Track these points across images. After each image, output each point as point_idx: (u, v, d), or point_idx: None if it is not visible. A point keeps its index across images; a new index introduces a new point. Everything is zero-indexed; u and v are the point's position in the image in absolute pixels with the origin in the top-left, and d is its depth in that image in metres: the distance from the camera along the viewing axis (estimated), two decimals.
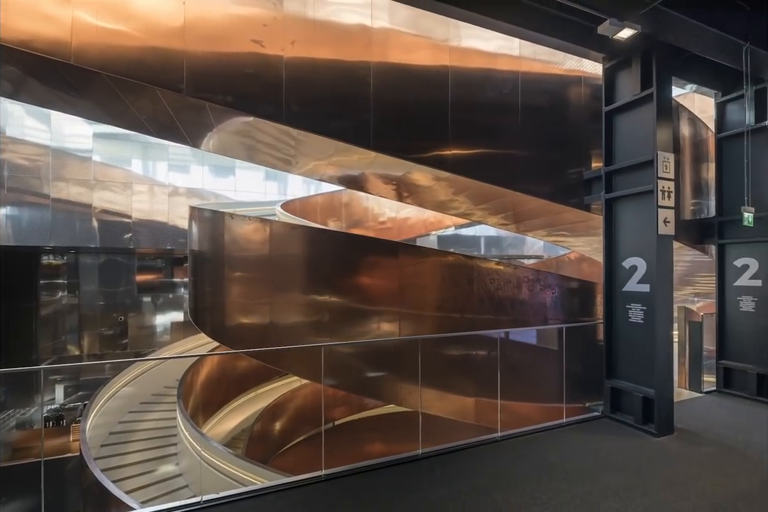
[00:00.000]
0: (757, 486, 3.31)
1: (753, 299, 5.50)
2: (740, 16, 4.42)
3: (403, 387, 5.06)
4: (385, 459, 3.73)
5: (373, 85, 4.21)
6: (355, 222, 12.22)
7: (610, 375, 4.87)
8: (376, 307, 4.89)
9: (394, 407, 8.60)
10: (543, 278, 5.28)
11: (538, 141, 5.05)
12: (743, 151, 5.39)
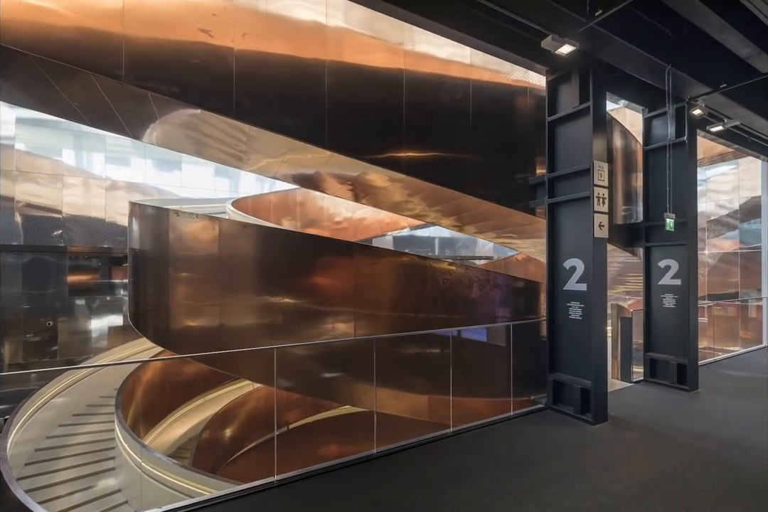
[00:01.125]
0: (678, 465, 3.67)
1: (674, 297, 6.11)
2: (663, 41, 4.89)
3: (359, 387, 5.06)
4: (340, 461, 3.72)
5: (328, 83, 4.17)
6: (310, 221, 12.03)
7: (552, 369, 5.19)
8: (331, 308, 4.85)
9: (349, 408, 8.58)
10: (492, 278, 5.52)
11: (487, 147, 5.27)
12: (666, 163, 5.97)
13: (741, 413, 5.00)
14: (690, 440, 4.20)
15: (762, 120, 6.87)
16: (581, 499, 3.12)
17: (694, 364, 5.94)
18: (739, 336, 9.40)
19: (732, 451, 3.95)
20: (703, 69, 5.39)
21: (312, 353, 4.97)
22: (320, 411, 9.44)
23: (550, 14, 3.88)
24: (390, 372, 5.02)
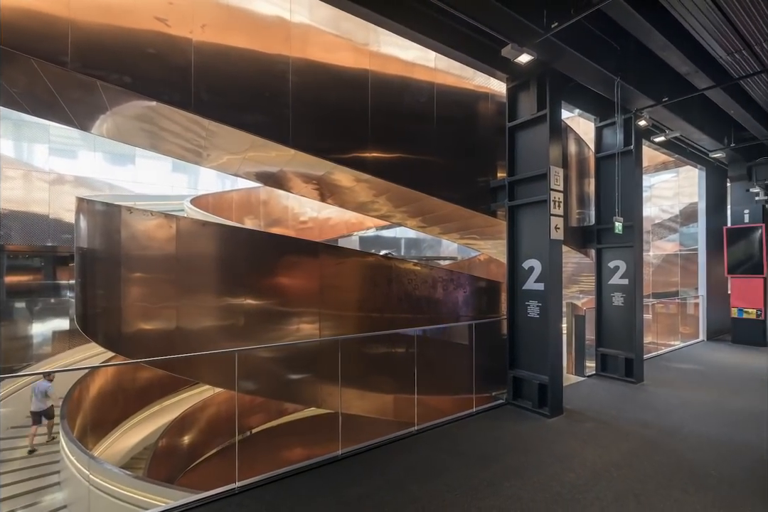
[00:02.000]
0: (625, 453, 3.92)
1: (622, 295, 6.52)
2: (613, 55, 5.21)
3: (324, 388, 5.01)
4: (304, 464, 3.67)
5: (293, 80, 4.11)
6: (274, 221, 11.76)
7: (512, 366, 5.38)
8: (296, 309, 4.77)
9: (314, 410, 8.47)
10: (456, 278, 5.65)
11: (451, 150, 5.38)
12: (615, 170, 6.36)
13: (681, 402, 5.42)
14: (636, 429, 4.50)
15: (699, 133, 7.48)
16: (538, 490, 3.25)
17: (639, 358, 6.37)
18: (679, 332, 10.17)
19: (673, 438, 4.26)
20: (648, 83, 5.79)
21: (276, 355, 4.87)
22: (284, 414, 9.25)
23: (510, 24, 4.02)
24: (355, 373, 5.01)
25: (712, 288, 10.19)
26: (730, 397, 5.61)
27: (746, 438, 4.27)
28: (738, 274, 9.47)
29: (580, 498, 3.14)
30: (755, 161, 9.56)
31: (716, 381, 6.42)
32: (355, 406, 5.22)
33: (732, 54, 5.31)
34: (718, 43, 5.10)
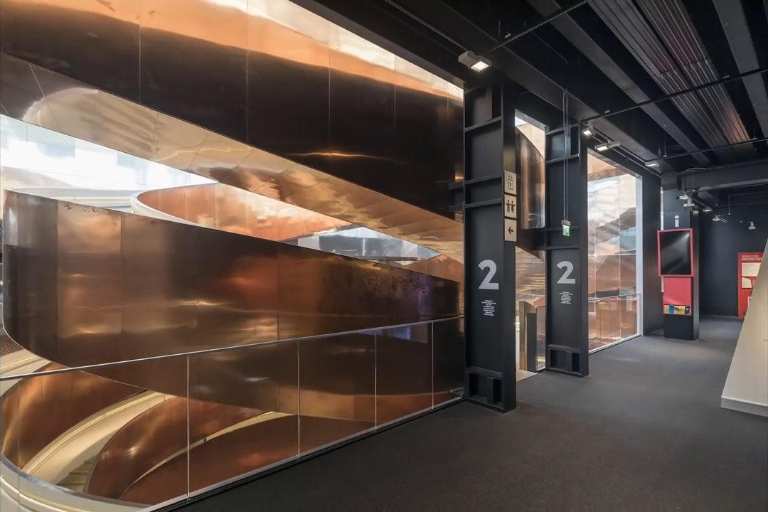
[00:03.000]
0: (572, 443, 4.16)
1: (569, 294, 6.93)
2: (562, 68, 5.53)
3: (282, 391, 4.90)
4: (261, 469, 3.57)
5: (249, 75, 3.99)
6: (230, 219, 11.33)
7: (469, 363, 5.55)
8: (253, 310, 4.62)
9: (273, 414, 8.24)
10: (415, 278, 5.73)
11: (411, 152, 5.46)
12: (563, 176, 6.76)
13: (621, 393, 5.84)
14: (582, 419, 4.80)
15: (636, 144, 8.12)
16: (492, 482, 3.38)
17: (585, 353, 6.79)
18: (619, 327, 10.97)
19: (614, 427, 4.59)
20: (593, 95, 6.20)
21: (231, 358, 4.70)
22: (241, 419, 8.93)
23: (467, 32, 4.16)
24: (315, 375, 4.95)
25: (647, 287, 11.10)
26: (663, 387, 6.13)
27: (676, 423, 4.69)
28: (670, 274, 10.37)
29: (531, 487, 3.29)
30: (684, 171, 10.52)
31: (651, 373, 6.98)
32: (315, 408, 5.15)
33: (664, 72, 5.81)
34: (653, 61, 5.56)
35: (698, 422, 4.70)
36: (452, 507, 3.03)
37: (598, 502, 3.08)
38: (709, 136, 8.50)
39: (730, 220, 13.80)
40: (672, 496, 3.16)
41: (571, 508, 3.00)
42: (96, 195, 11.84)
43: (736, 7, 4.32)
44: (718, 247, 14.58)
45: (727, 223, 13.99)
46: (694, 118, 7.56)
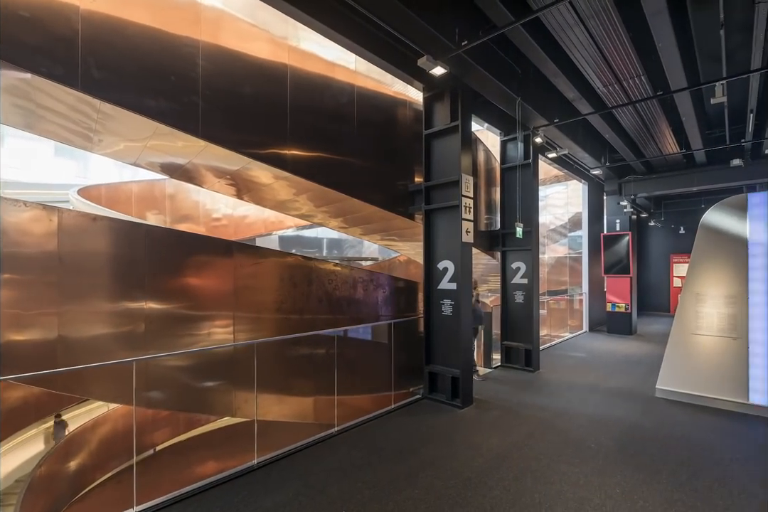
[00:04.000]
0: (524, 436, 4.35)
1: (522, 293, 7.25)
2: (515, 77, 5.79)
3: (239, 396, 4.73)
4: (216, 478, 3.43)
5: (203, 66, 3.83)
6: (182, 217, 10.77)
7: (428, 362, 5.65)
8: (207, 312, 4.42)
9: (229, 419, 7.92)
10: (375, 279, 5.76)
11: (371, 152, 5.48)
12: (516, 180, 7.07)
13: (569, 386, 6.19)
14: (533, 413, 5.03)
15: (582, 152, 8.66)
16: (450, 477, 3.46)
17: (536, 349, 7.14)
18: (567, 324, 11.64)
19: (562, 418, 4.85)
20: (543, 105, 6.55)
21: (184, 363, 4.46)
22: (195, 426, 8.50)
23: (426, 37, 4.24)
24: (273, 377, 4.82)
25: (592, 286, 11.86)
26: (606, 379, 6.57)
27: (617, 413, 5.04)
28: (612, 274, 11.14)
29: (486, 480, 3.41)
30: (624, 179, 11.37)
31: (596, 366, 7.46)
32: (273, 412, 5.02)
33: (606, 86, 6.26)
34: (596, 75, 5.96)
35: (636, 411, 5.09)
36: (411, 504, 3.06)
37: (547, 490, 3.24)
38: (646, 147, 9.25)
39: (663, 224, 15.09)
40: (613, 481, 3.39)
41: (523, 497, 3.14)
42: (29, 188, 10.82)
43: (668, 30, 4.74)
44: (653, 249, 15.88)
45: (661, 228, 15.29)
46: (633, 129, 8.20)
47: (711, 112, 8.21)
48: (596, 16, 4.57)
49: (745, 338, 5.08)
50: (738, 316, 5.16)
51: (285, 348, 4.87)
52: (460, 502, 3.07)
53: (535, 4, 4.37)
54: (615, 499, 3.11)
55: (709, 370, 5.31)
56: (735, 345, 5.15)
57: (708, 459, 3.79)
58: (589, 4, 4.36)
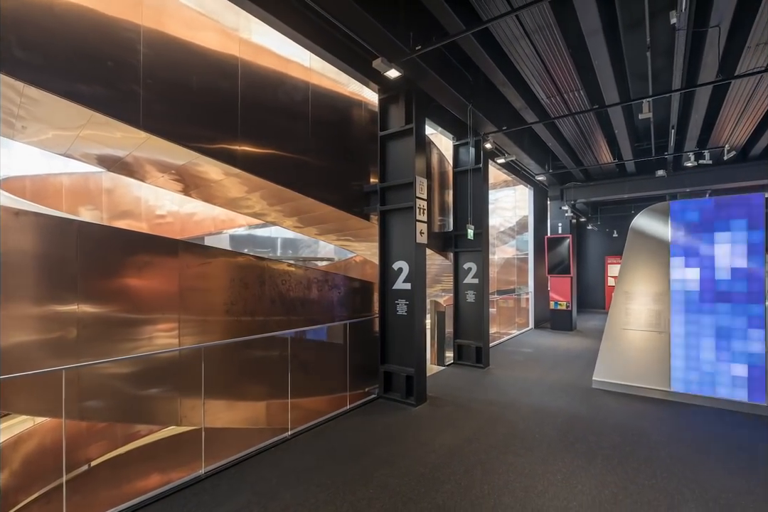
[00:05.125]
0: (475, 430, 4.51)
1: (473, 293, 7.53)
2: (467, 85, 6.01)
3: (185, 403, 4.47)
4: (159, 491, 3.22)
5: (145, 53, 3.59)
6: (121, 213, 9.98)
7: (383, 361, 5.70)
8: (149, 315, 4.14)
9: (174, 428, 7.44)
10: (331, 279, 5.70)
11: (326, 152, 5.44)
12: (468, 184, 7.33)
13: (516, 381, 6.51)
14: (483, 407, 5.23)
15: (528, 158, 9.16)
16: (404, 474, 3.51)
17: (486, 346, 7.43)
18: (515, 322, 12.23)
19: (510, 411, 5.09)
20: (493, 112, 6.84)
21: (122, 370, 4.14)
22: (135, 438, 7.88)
23: (381, 39, 4.27)
24: (223, 382, 4.62)
25: (537, 286, 12.56)
26: (549, 373, 6.99)
27: (559, 404, 5.37)
28: (554, 274, 11.87)
29: (438, 475, 3.49)
30: (565, 185, 12.17)
31: (540, 361, 7.91)
32: (223, 418, 4.80)
33: (549, 98, 6.67)
34: (540, 87, 6.34)
35: (575, 401, 5.46)
36: (366, 503, 3.07)
37: (495, 481, 3.39)
38: (584, 156, 9.97)
39: (599, 228, 16.33)
40: (555, 468, 3.61)
41: (473, 489, 3.25)
42: None
43: (602, 49, 5.15)
44: (591, 251, 17.13)
45: (597, 231, 16.54)
46: (573, 139, 8.80)
47: (640, 126, 9.02)
48: (540, 31, 4.86)
49: (668, 332, 5.62)
50: (662, 312, 5.71)
51: (235, 352, 4.68)
52: (414, 498, 3.12)
53: (484, 15, 4.56)
54: (556, 485, 3.32)
55: (638, 362, 5.82)
56: (660, 338, 5.69)
57: (637, 443, 4.15)
58: (533, 19, 4.63)
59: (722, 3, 4.27)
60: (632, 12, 5.08)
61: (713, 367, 5.24)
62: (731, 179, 10.04)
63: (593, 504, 3.05)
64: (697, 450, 3.98)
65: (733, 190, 10.91)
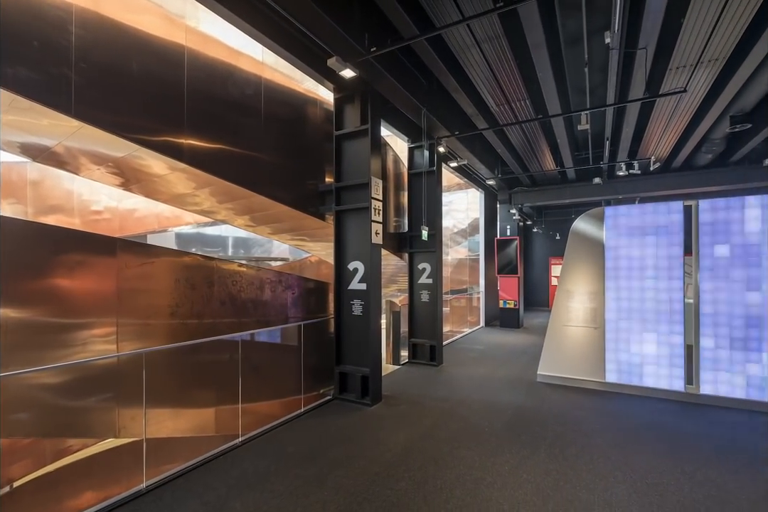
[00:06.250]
0: (429, 427, 4.60)
1: (428, 293, 7.69)
2: (422, 89, 6.14)
3: (124, 413, 4.15)
4: (93, 510, 2.97)
5: (78, 34, 3.31)
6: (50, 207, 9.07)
7: (339, 362, 5.66)
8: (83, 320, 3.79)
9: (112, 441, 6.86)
10: (285, 279, 5.57)
11: (280, 149, 5.31)
12: (422, 186, 7.49)
13: (468, 377, 6.73)
14: (437, 404, 5.36)
15: (479, 163, 9.52)
16: (359, 474, 3.50)
17: (440, 345, 7.62)
18: (467, 320, 12.65)
19: (462, 407, 5.25)
20: (446, 117, 7.05)
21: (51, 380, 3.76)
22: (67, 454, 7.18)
23: (335, 38, 4.24)
24: (167, 389, 4.35)
25: (488, 285, 13.09)
26: (498, 368, 7.30)
27: (506, 398, 5.63)
28: (503, 274, 12.44)
29: (393, 473, 3.53)
30: (513, 190, 12.79)
31: (490, 357, 8.24)
32: (168, 427, 4.52)
33: (498, 106, 6.99)
34: (490, 95, 6.62)
35: (522, 395, 5.75)
36: (320, 506, 3.03)
37: (448, 476, 3.48)
38: (530, 163, 10.54)
39: (543, 231, 17.34)
40: (503, 460, 3.78)
41: (427, 485, 3.32)
42: None
43: (546, 62, 5.47)
44: (536, 252, 18.15)
45: (542, 234, 17.56)
46: (520, 146, 9.28)
47: (579, 137, 9.70)
48: (490, 41, 5.08)
49: (603, 328, 6.09)
50: (598, 309, 6.17)
51: (181, 357, 4.43)
52: (369, 498, 3.13)
53: (438, 22, 4.69)
54: (504, 476, 3.48)
55: (577, 356, 6.24)
56: (595, 334, 6.15)
57: (576, 431, 4.45)
58: (483, 29, 4.83)
59: (649, 27, 4.71)
60: (573, 29, 5.46)
61: (640, 359, 5.75)
62: (657, 188, 11.09)
63: (537, 491, 3.23)
64: (628, 435, 4.34)
65: (660, 197, 12.06)
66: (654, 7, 4.31)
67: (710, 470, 3.57)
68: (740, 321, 5.18)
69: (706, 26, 4.47)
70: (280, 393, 5.50)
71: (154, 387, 3.86)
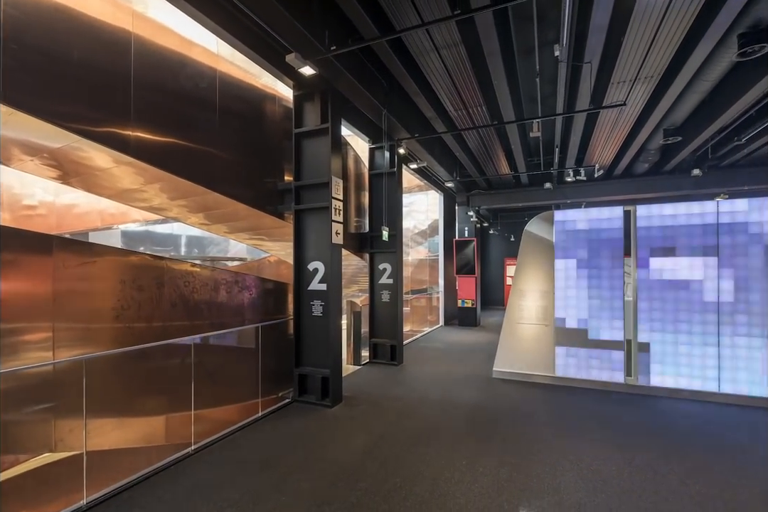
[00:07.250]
0: (387, 425, 4.64)
1: (388, 293, 7.75)
2: (382, 90, 6.18)
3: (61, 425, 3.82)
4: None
5: (7, 13, 3.02)
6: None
7: (298, 364, 5.56)
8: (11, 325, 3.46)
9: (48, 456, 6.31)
10: (241, 280, 5.39)
11: (236, 145, 5.14)
12: (383, 186, 7.54)
13: (427, 375, 6.85)
14: (395, 403, 5.41)
15: (438, 165, 9.73)
16: (318, 477, 3.46)
17: (400, 344, 7.70)
18: (427, 320, 12.88)
19: (421, 405, 5.34)
20: (406, 119, 7.14)
21: None
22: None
23: (294, 34, 4.13)
24: (111, 398, 4.06)
25: (447, 285, 13.40)
26: (456, 366, 7.49)
27: (463, 394, 5.79)
28: (462, 274, 12.78)
29: (353, 474, 3.52)
30: (471, 192, 13.19)
31: (449, 355, 8.44)
32: (112, 438, 4.21)
33: (457, 110, 7.18)
34: (449, 100, 6.79)
35: (478, 391, 5.94)
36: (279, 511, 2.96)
37: (407, 474, 3.53)
38: (486, 167, 10.93)
39: (499, 232, 18.03)
40: (460, 455, 3.88)
41: (386, 484, 3.35)
42: None
43: (500, 70, 5.70)
44: (492, 253, 18.84)
45: (498, 235, 18.25)
46: (477, 151, 9.59)
47: (532, 143, 10.19)
48: (448, 48, 5.21)
49: (552, 325, 6.43)
50: (548, 307, 6.50)
51: (128, 363, 4.15)
52: (328, 500, 3.10)
53: (398, 25, 4.74)
54: (461, 471, 3.57)
55: (530, 352, 6.55)
56: (546, 331, 6.47)
57: (527, 423, 4.67)
58: (442, 35, 4.95)
59: (593, 43, 5.05)
60: (526, 40, 5.73)
61: (587, 353, 6.13)
62: (601, 193, 11.88)
63: (493, 483, 3.36)
64: (575, 425, 4.62)
65: (603, 202, 12.92)
66: (598, 23, 4.62)
67: (646, 454, 3.87)
68: (672, 316, 5.68)
69: (643, 45, 4.86)
70: (236, 398, 5.31)
71: (97, 395, 3.61)
